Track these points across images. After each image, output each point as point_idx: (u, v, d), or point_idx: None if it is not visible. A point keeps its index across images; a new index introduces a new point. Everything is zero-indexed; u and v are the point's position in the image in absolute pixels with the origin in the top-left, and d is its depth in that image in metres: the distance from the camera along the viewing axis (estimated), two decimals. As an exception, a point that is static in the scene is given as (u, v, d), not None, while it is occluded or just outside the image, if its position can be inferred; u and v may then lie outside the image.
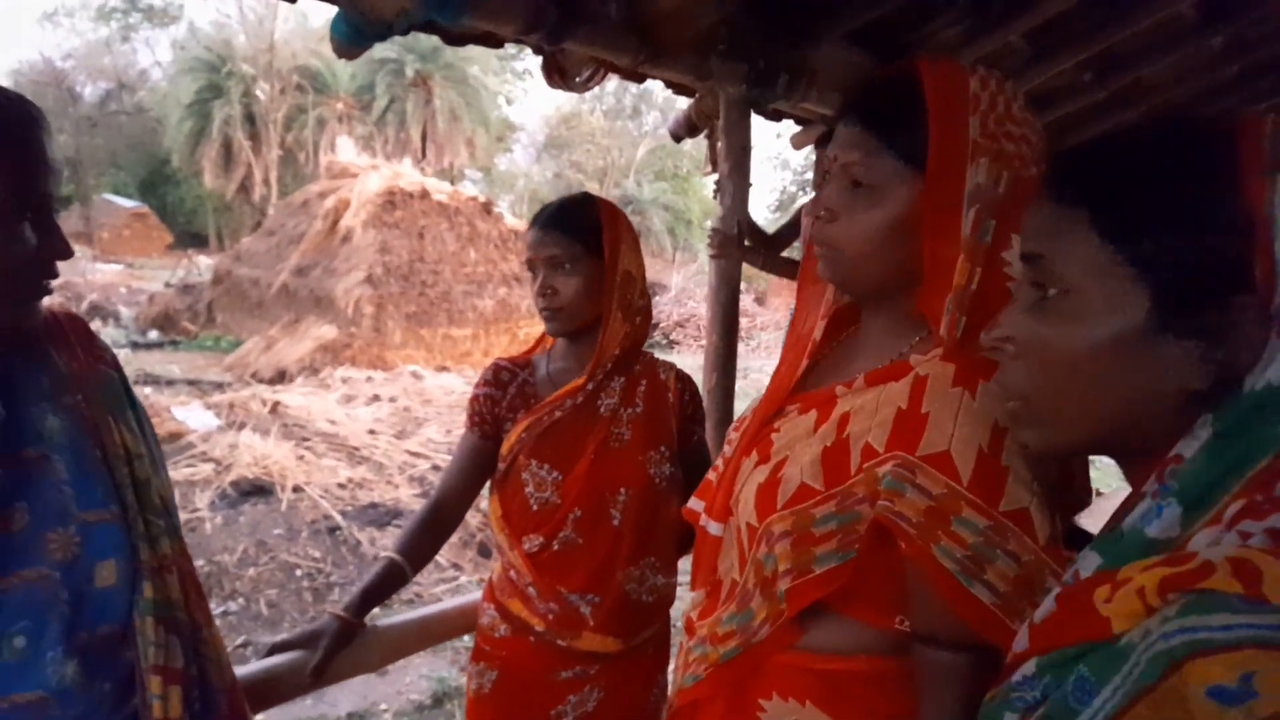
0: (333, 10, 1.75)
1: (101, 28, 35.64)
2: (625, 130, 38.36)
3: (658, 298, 19.69)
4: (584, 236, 1.58)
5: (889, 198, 0.96)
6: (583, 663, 1.59)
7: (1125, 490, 0.70)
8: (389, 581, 1.59)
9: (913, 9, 2.61)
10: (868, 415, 0.96)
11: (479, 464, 1.67)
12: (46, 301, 1.06)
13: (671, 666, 1.69)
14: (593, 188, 37.54)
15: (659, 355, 1.77)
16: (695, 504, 1.17)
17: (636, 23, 2.02)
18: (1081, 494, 1.02)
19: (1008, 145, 0.93)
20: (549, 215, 1.61)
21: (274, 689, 1.44)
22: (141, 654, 1.04)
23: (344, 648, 1.51)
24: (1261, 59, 3.64)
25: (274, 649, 1.51)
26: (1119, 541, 0.64)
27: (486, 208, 14.07)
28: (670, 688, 1.22)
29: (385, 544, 5.22)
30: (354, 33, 1.75)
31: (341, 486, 6.05)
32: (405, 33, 1.86)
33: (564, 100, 39.18)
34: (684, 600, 1.33)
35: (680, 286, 20.15)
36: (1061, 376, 0.67)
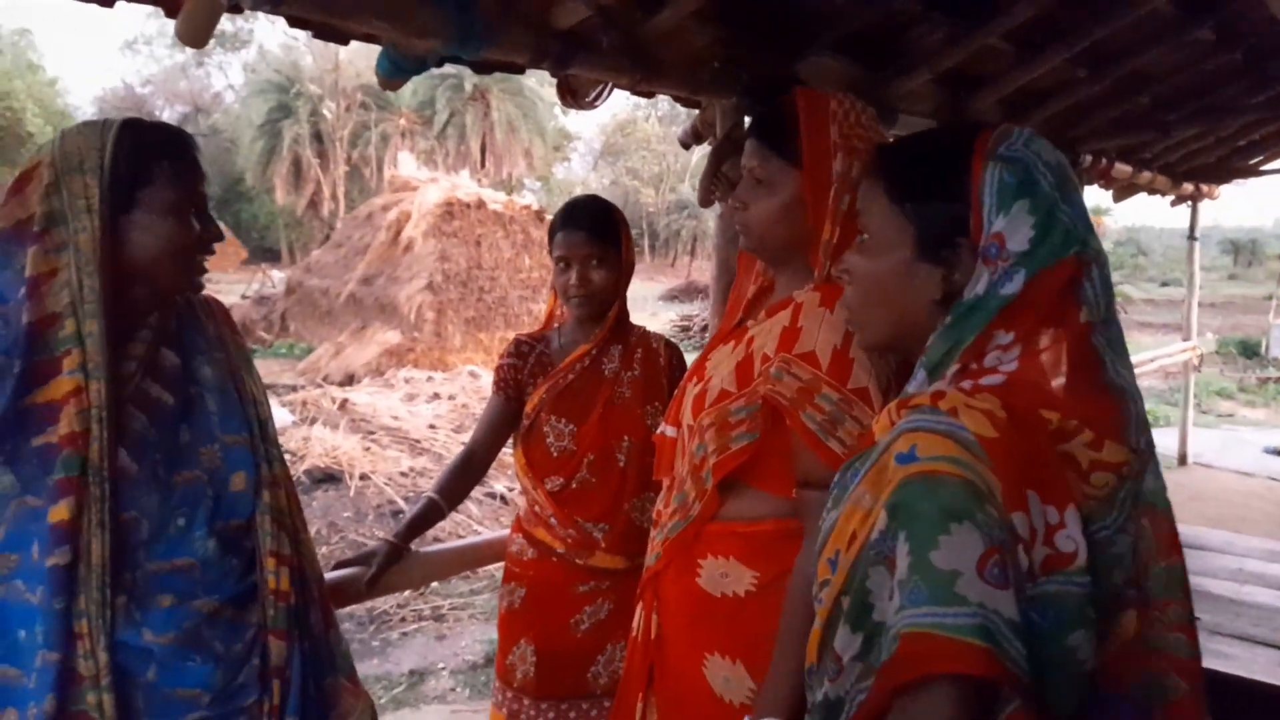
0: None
1: (177, 54, 37.55)
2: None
3: (709, 300, 19.85)
4: (609, 236, 1.94)
5: (780, 188, 1.35)
6: (596, 578, 1.93)
7: None
8: (429, 516, 1.96)
9: (893, 19, 2.87)
10: (765, 334, 1.35)
11: (504, 421, 2.03)
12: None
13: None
14: (648, 193, 37.88)
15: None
16: (661, 428, 1.57)
17: (633, 47, 2.34)
18: None
19: (857, 143, 1.32)
20: (581, 219, 1.95)
21: (337, 594, 1.80)
22: (261, 543, 1.40)
23: (392, 566, 1.86)
24: (1263, 45, 3.75)
25: (337, 565, 1.88)
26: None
27: (539, 216, 14.53)
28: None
29: (443, 525, 5.65)
30: (394, 68, 2.12)
31: (404, 475, 6.52)
32: (439, 65, 2.22)
33: (620, 108, 39.60)
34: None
35: (734, 287, 20.32)
36: (869, 294, 1.00)
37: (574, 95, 2.55)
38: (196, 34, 1.77)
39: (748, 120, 2.88)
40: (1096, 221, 1.42)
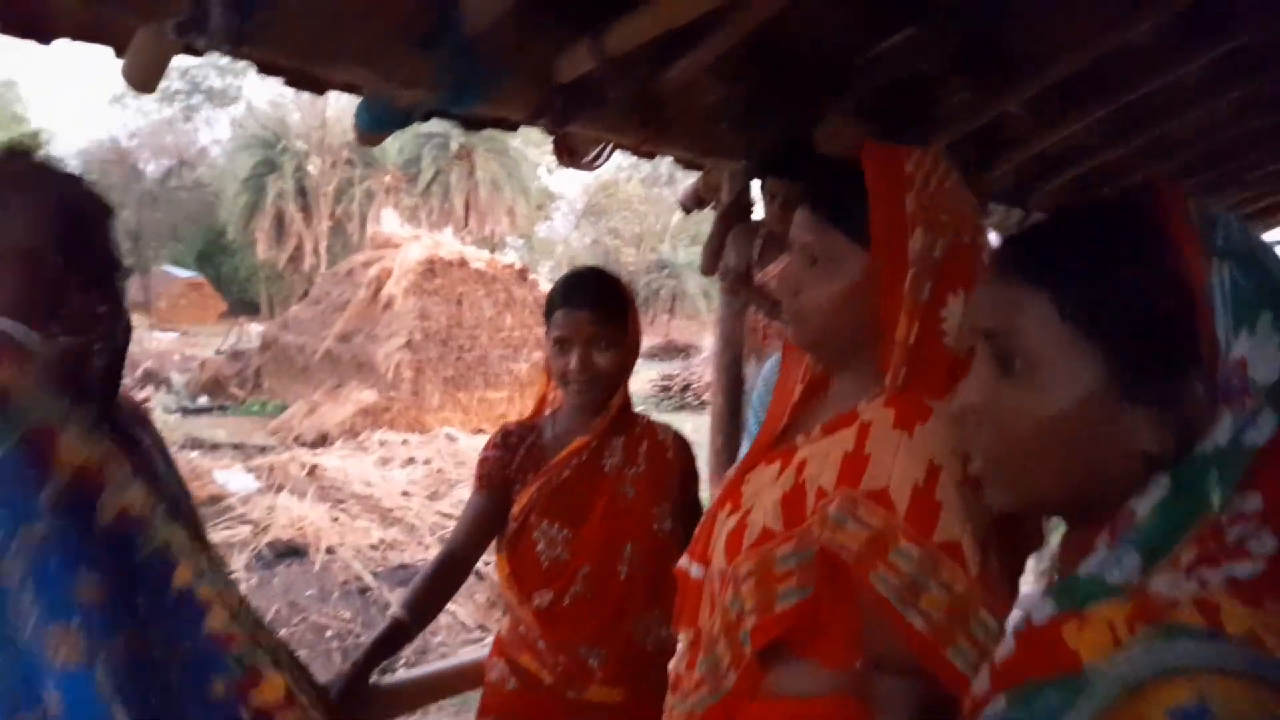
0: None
1: (165, 109, 37.44)
2: (661, 197, 39.03)
3: (691, 359, 19.73)
4: (615, 315, 1.69)
5: (842, 270, 1.08)
6: (590, 714, 1.63)
7: None
8: (393, 639, 1.65)
9: (916, 81, 2.70)
10: (820, 459, 1.05)
11: (486, 523, 1.74)
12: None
13: None
14: (629, 253, 38.10)
15: (690, 415, 1.88)
16: (684, 561, 1.24)
17: (640, 105, 2.14)
18: (1032, 535, 1.07)
19: (941, 216, 1.04)
20: (584, 296, 1.69)
21: (283, 737, 1.51)
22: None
23: (349, 703, 1.55)
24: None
25: (284, 700, 1.58)
26: (1077, 588, 0.68)
27: (523, 274, 14.39)
28: None
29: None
30: (374, 121, 1.90)
31: (374, 548, 6.14)
32: (426, 119, 2.00)
33: (603, 169, 39.97)
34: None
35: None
36: (1029, 442, 0.70)
37: (571, 155, 2.34)
38: (145, 76, 1.54)
39: (755, 184, 2.70)
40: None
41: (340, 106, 28.91)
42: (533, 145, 30.86)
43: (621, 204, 39.07)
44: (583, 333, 1.67)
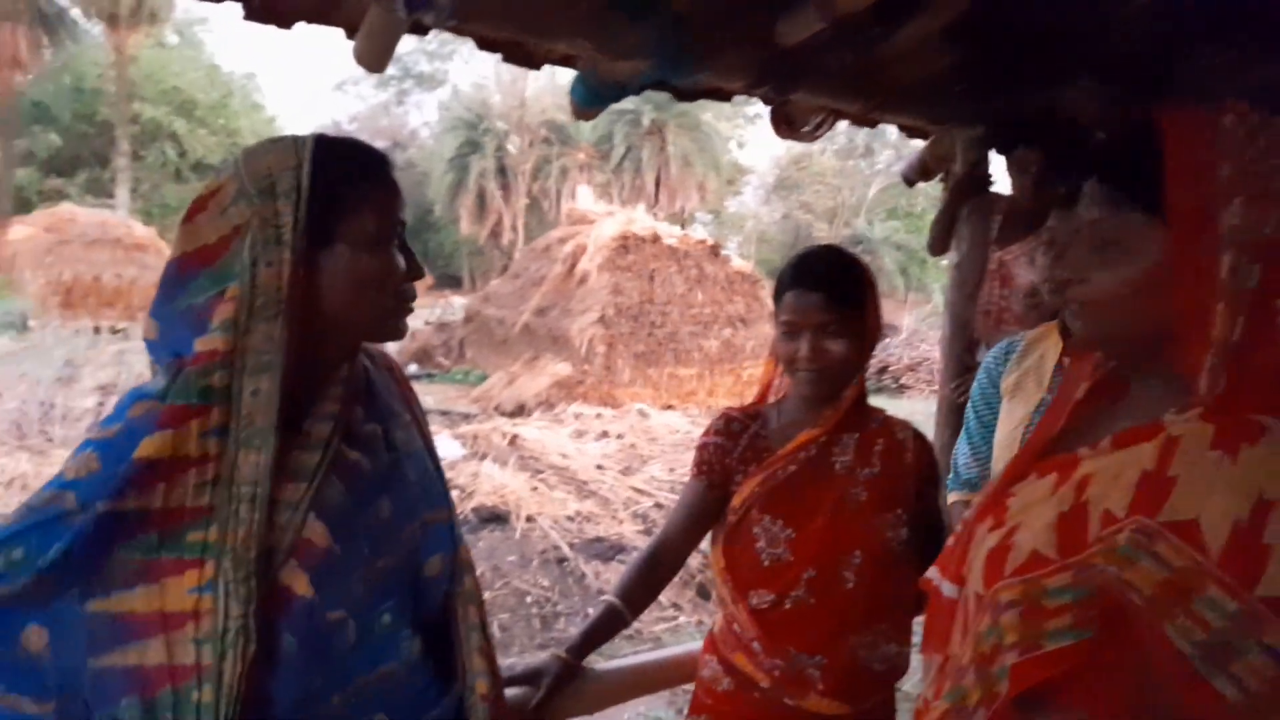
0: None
1: (381, 94, 40.57)
2: (857, 169, 37.74)
3: (888, 340, 18.99)
4: (851, 300, 1.57)
5: (1137, 251, 0.91)
6: None
7: None
8: (609, 625, 1.63)
9: (1170, 38, 2.35)
10: (1110, 478, 0.88)
11: (703, 513, 1.67)
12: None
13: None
14: (821, 228, 37.16)
15: (888, 399, 1.73)
16: (933, 573, 1.12)
17: (865, 70, 1.97)
18: None
19: (1276, 183, 0.84)
20: (814, 278, 1.58)
21: (498, 720, 1.51)
22: (465, 639, 1.18)
23: (564, 688, 1.55)
24: None
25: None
26: None
27: (714, 251, 14.31)
28: None
29: (609, 578, 5.37)
30: (591, 95, 1.86)
31: (570, 519, 6.30)
32: (639, 92, 1.94)
33: (794, 142, 39.29)
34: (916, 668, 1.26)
35: (912, 328, 19.34)
36: None
37: (789, 125, 2.21)
38: (376, 55, 1.55)
39: (993, 154, 2.45)
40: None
41: (538, 87, 30.00)
42: (724, 119, 30.65)
43: (814, 177, 38.10)
44: (813, 318, 1.55)
